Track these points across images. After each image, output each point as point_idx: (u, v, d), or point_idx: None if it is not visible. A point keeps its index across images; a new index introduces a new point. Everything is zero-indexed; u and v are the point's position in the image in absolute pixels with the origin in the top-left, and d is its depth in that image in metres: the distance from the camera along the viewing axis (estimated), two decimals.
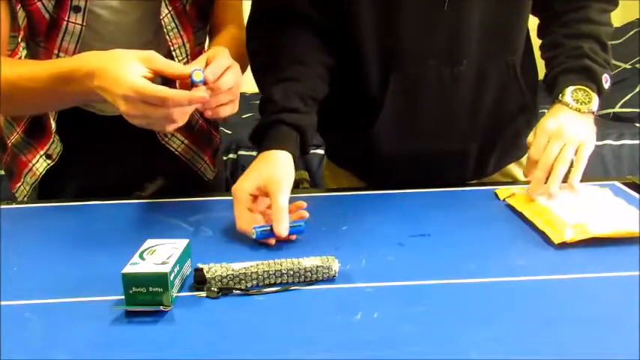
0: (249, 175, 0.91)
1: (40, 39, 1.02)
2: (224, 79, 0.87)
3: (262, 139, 0.96)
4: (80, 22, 1.00)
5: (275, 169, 0.91)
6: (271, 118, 0.96)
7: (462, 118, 1.07)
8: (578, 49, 1.02)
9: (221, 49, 0.91)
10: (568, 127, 0.96)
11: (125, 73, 0.81)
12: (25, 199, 1.16)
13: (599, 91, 1.01)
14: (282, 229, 0.84)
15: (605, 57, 1.03)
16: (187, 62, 1.09)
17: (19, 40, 1.05)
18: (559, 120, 0.97)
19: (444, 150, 1.08)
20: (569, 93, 0.99)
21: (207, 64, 0.88)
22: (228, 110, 0.90)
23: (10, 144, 1.17)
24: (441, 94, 1.04)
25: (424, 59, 1.02)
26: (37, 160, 1.12)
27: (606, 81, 1.02)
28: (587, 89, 1.00)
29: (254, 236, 0.85)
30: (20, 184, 1.17)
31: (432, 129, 1.07)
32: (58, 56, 1.02)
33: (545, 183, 0.95)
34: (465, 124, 1.07)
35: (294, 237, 0.87)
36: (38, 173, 1.13)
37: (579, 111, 0.98)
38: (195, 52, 1.12)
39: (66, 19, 0.99)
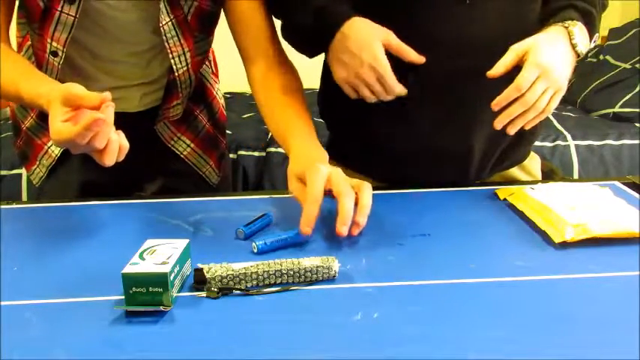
0: None
1: (35, 25, 1.03)
2: (359, 218, 0.86)
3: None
4: (73, 14, 1.00)
5: None
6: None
7: (465, 117, 1.06)
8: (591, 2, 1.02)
9: (337, 180, 0.88)
10: (558, 66, 0.94)
11: (50, 121, 0.80)
12: (42, 181, 1.18)
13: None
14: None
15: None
16: (187, 71, 1.10)
17: None
18: (555, 53, 0.95)
19: (445, 149, 1.08)
20: (577, 30, 0.97)
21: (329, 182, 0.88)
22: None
23: (24, 128, 1.18)
24: (444, 90, 1.03)
25: (428, 54, 1.02)
26: (53, 143, 1.13)
27: (594, 40, 1.02)
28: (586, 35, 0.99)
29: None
30: (36, 166, 1.18)
31: (433, 127, 1.07)
32: (50, 44, 1.03)
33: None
34: (467, 124, 1.07)
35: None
36: (54, 155, 1.15)
37: (574, 47, 0.97)
38: (196, 62, 1.11)
39: (59, 9, 0.99)
